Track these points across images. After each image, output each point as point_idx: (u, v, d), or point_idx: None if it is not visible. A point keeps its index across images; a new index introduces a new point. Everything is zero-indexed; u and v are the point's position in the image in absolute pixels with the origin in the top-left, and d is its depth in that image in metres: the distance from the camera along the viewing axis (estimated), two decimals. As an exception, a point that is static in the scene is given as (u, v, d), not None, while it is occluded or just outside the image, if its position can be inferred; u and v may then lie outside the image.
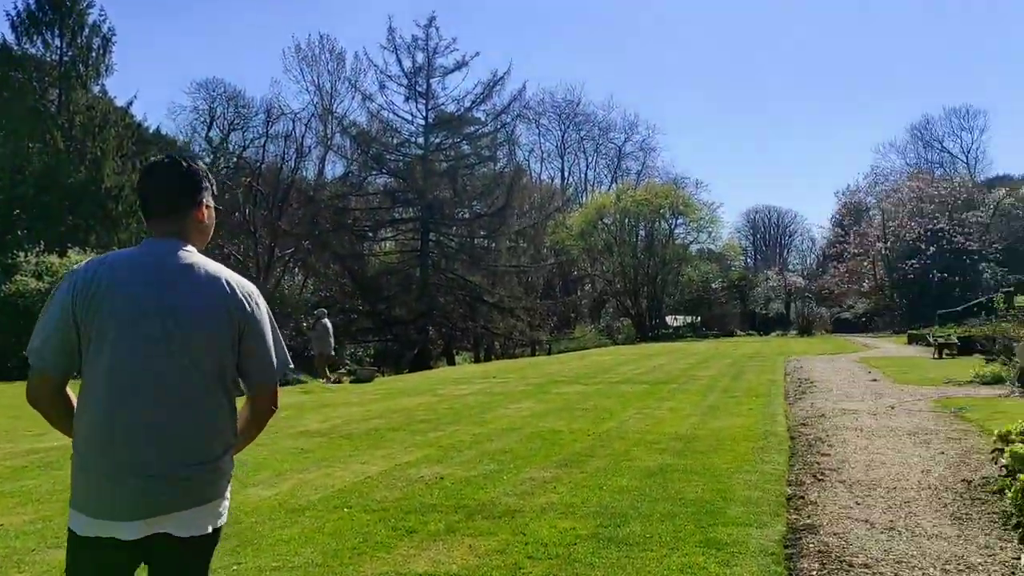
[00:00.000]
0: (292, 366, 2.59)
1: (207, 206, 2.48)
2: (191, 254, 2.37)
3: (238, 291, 2.36)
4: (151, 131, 46.07)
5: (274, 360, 2.45)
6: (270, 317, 2.47)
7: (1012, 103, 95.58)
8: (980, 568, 4.48)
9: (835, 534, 5.17)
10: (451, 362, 38.78)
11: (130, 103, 35.26)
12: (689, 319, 58.09)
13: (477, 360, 42.46)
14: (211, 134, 51.13)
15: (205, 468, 2.30)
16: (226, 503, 2.42)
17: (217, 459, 2.34)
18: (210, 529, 2.34)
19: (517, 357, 40.69)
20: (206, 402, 2.31)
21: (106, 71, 33.44)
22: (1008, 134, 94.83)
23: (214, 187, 2.51)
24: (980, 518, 5.48)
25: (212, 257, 2.43)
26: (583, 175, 75.34)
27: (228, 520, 5.59)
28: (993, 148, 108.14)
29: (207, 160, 50.20)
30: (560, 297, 53.73)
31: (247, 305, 2.37)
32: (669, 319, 58.35)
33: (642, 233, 56.38)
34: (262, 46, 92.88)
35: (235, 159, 50.58)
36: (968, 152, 70.04)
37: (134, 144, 34.52)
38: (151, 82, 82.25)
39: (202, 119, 51.22)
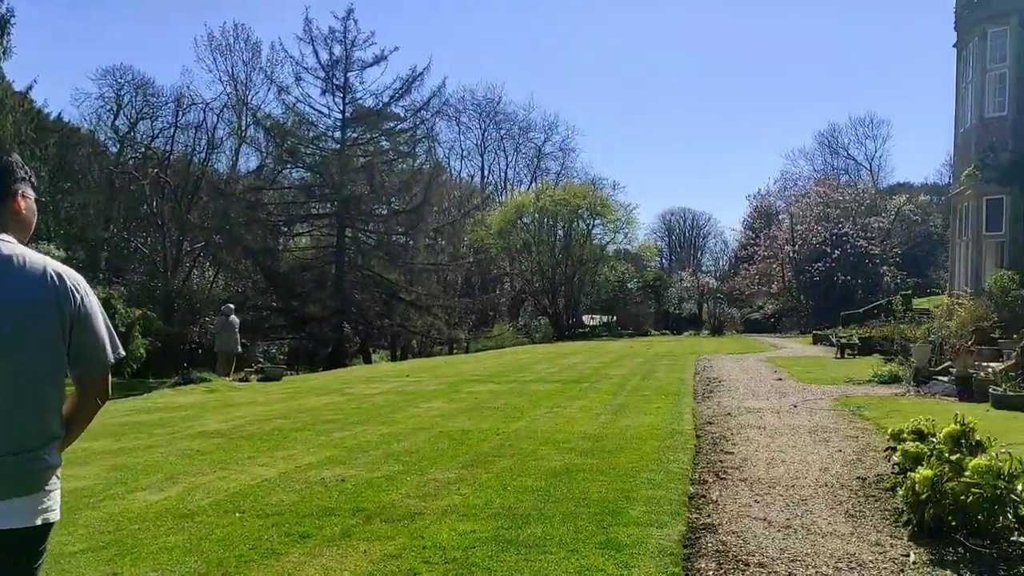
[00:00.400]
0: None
1: (24, 196, 2.44)
2: (12, 245, 2.32)
3: (66, 281, 2.33)
4: (52, 117, 44.05)
5: (107, 350, 2.41)
6: (99, 306, 2.43)
7: (912, 114, 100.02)
8: (871, 565, 4.55)
9: (733, 533, 5.19)
10: (367, 360, 38.22)
11: (30, 87, 33.75)
12: (605, 318, 58.71)
13: (394, 358, 42.00)
14: (117, 123, 49.08)
15: (22, 458, 2.24)
16: (54, 496, 2.34)
17: (36, 449, 2.27)
18: (38, 522, 2.27)
19: (435, 355, 40.42)
20: (31, 393, 2.26)
21: (4, 54, 31.68)
22: (909, 143, 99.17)
23: (32, 178, 2.47)
24: (873, 515, 5.60)
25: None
26: (503, 174, 75.32)
27: (108, 528, 5.33)
28: (895, 156, 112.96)
29: (113, 150, 48.32)
30: (478, 295, 53.62)
31: (75, 295, 2.33)
32: (586, 318, 58.87)
33: (560, 233, 56.72)
34: (173, 33, 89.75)
35: (143, 149, 48.77)
36: (871, 159, 72.86)
37: (33, 131, 32.94)
38: (54, 67, 78.49)
39: (108, 107, 49.05)
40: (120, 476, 7.11)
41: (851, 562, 4.60)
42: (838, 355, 22.69)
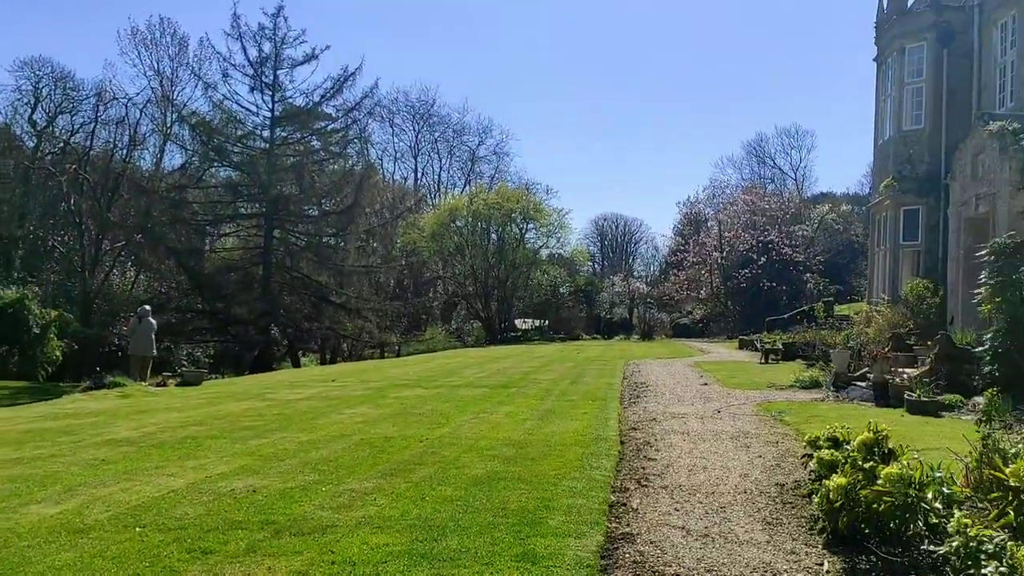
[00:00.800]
0: None
1: None
2: None
3: None
4: (-38, 109, 42.09)
5: None
6: None
7: (836, 126, 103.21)
8: (785, 574, 4.53)
9: (652, 542, 5.13)
10: (296, 364, 37.43)
11: (-64, 76, 32.02)
12: (538, 323, 58.87)
13: (323, 362, 41.28)
14: (35, 116, 47.11)
15: None
16: None
17: None
18: None
19: (366, 358, 39.87)
20: None
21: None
22: (832, 154, 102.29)
23: None
24: (790, 522, 5.61)
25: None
26: (436, 176, 75.00)
27: (-6, 545, 4.97)
28: (819, 167, 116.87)
29: (30, 144, 46.40)
30: (411, 299, 53.10)
31: None
32: (518, 322, 58.91)
33: (494, 236, 56.62)
34: (96, 24, 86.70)
35: (61, 144, 46.93)
36: (796, 169, 75.09)
37: (-60, 122, 31.44)
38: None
39: (25, 100, 47.01)
40: (15, 488, 6.71)
41: (766, 571, 4.58)
42: (762, 360, 23.10)
